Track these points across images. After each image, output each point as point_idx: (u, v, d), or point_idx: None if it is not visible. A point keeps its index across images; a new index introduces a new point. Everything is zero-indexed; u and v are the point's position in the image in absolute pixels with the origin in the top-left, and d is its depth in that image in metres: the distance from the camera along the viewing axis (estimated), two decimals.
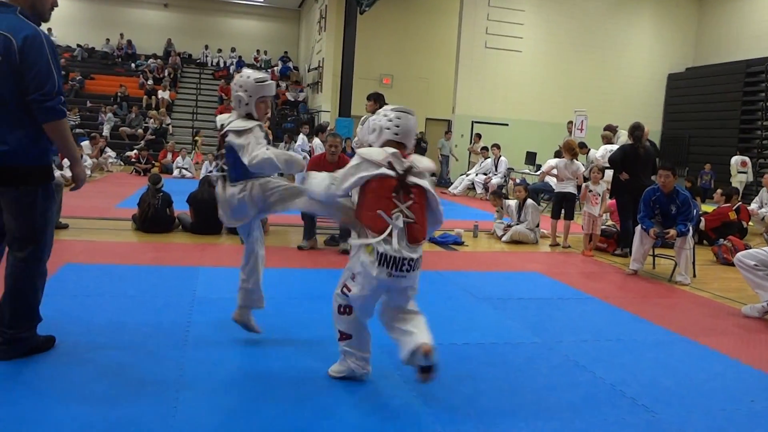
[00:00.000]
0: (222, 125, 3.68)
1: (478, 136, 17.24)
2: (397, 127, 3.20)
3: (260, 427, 2.79)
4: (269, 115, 3.84)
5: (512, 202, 9.00)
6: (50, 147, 3.30)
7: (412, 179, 3.09)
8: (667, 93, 20.60)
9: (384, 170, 3.04)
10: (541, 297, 5.60)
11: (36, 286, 3.34)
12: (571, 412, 3.13)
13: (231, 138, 3.57)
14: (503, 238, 8.49)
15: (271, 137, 3.98)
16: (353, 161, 3.18)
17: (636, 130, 7.88)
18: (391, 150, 3.12)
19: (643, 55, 20.05)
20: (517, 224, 8.55)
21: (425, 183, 3.15)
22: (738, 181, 15.18)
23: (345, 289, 3.18)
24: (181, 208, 7.68)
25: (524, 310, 5.05)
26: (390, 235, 2.98)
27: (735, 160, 15.72)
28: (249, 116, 3.66)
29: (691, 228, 6.50)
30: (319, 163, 7.08)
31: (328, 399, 3.11)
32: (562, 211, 8.34)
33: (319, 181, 3.28)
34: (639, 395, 3.37)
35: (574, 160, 8.41)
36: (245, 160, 3.45)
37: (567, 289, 5.94)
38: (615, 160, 7.97)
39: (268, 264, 6.27)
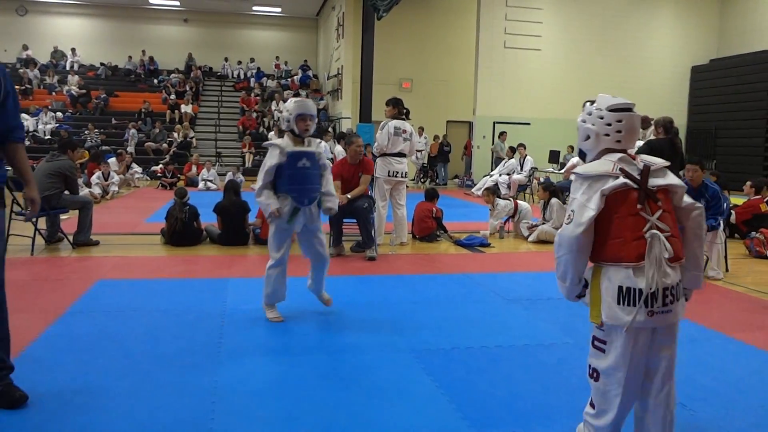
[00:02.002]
0: None
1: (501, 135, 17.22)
2: (619, 132, 2.51)
3: None
4: (310, 130, 4.43)
5: (504, 203, 8.88)
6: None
7: (655, 181, 2.43)
8: (691, 86, 20.33)
9: (622, 180, 2.38)
10: None
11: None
12: None
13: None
14: (530, 238, 8.44)
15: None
16: (578, 188, 2.48)
17: (671, 124, 7.82)
18: (617, 155, 2.49)
19: (666, 48, 19.81)
20: (543, 224, 8.50)
21: (670, 180, 2.46)
22: None
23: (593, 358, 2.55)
24: (208, 221, 7.76)
25: (554, 310, 5.01)
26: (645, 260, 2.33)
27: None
28: (292, 132, 4.40)
29: (722, 222, 6.41)
30: (342, 166, 7.12)
31: (362, 407, 3.11)
32: None
33: (562, 234, 2.44)
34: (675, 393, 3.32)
35: None
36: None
37: None
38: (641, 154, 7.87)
39: (296, 272, 6.30)
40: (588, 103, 2.70)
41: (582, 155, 2.70)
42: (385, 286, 5.72)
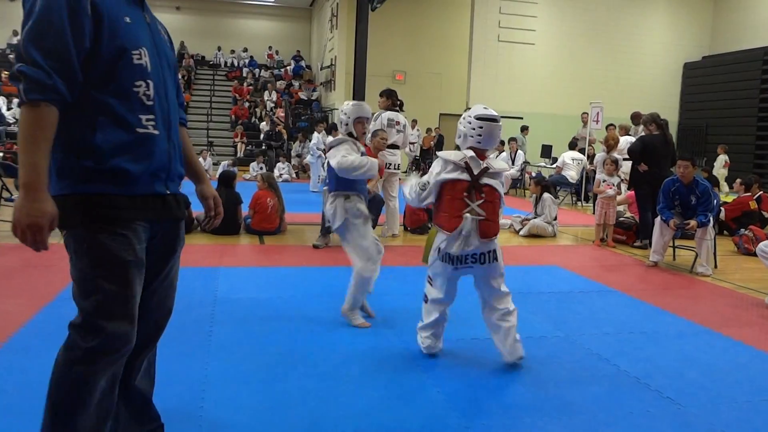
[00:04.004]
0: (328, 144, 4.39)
1: None
2: (480, 136, 3.40)
3: (285, 424, 2.81)
4: (367, 133, 4.54)
5: None
6: None
7: (485, 180, 3.38)
8: (683, 82, 20.40)
9: (459, 174, 3.36)
10: (561, 290, 5.57)
11: None
12: (596, 405, 3.12)
13: (329, 153, 4.21)
14: (521, 232, 8.46)
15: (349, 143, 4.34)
16: (436, 165, 3.45)
17: (660, 119, 7.86)
18: (470, 153, 3.40)
19: (659, 45, 19.86)
20: (535, 218, 8.52)
21: (496, 183, 3.43)
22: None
23: (428, 283, 3.63)
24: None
25: (545, 304, 5.03)
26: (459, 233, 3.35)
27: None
28: (350, 135, 4.38)
29: (711, 218, 6.44)
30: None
31: (352, 397, 3.12)
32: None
33: (409, 189, 3.61)
34: (664, 387, 3.35)
35: (613, 153, 8.50)
36: (333, 164, 4.08)
37: (587, 282, 5.91)
38: (634, 151, 7.91)
39: (287, 263, 6.30)
40: (467, 110, 3.53)
41: (457, 148, 3.59)
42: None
